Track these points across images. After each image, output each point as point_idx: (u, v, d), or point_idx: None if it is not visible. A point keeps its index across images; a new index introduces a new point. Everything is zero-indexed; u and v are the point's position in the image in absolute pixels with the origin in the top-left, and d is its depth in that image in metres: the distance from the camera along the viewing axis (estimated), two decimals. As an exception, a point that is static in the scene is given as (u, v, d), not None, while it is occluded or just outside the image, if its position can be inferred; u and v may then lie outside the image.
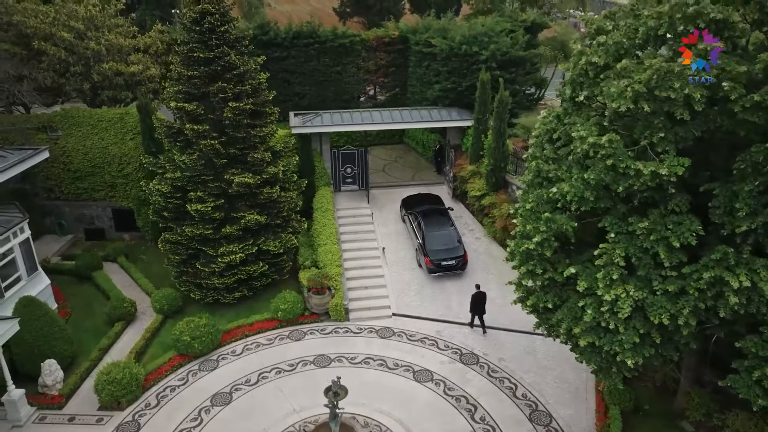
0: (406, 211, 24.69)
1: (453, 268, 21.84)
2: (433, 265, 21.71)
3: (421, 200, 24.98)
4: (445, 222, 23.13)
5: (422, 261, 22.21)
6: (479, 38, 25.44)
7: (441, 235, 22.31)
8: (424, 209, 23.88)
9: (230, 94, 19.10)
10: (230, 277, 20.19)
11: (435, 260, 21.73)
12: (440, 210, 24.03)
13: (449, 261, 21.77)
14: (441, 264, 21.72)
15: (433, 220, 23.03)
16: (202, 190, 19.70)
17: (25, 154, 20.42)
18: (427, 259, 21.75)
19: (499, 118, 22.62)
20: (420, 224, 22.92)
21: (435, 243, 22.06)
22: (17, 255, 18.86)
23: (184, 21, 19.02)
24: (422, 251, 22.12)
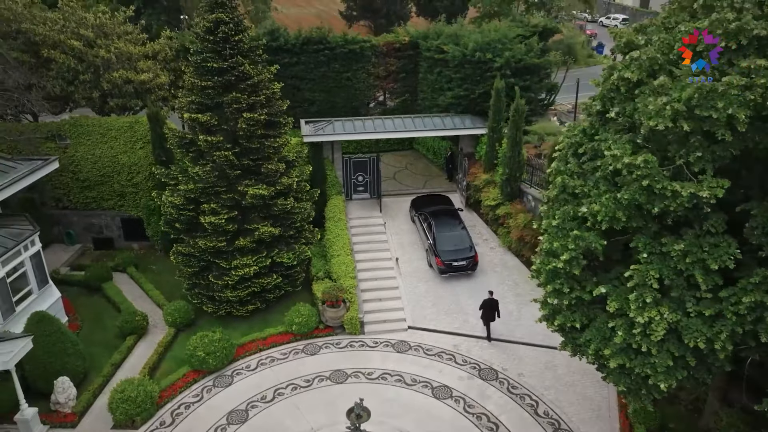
0: (416, 211, 24.74)
1: (464, 268, 21.99)
2: (444, 266, 21.84)
3: (431, 201, 25.15)
4: (456, 223, 23.22)
5: (433, 261, 22.28)
6: (493, 45, 25.11)
7: (452, 236, 22.43)
8: (434, 210, 23.98)
9: (244, 105, 18.78)
10: (243, 289, 19.87)
11: (446, 261, 21.84)
12: (450, 210, 24.18)
13: (460, 261, 21.91)
14: (452, 264, 21.85)
15: (443, 220, 23.15)
16: (215, 202, 19.38)
17: (34, 165, 20.09)
18: (438, 259, 21.87)
19: (515, 127, 22.30)
20: (431, 225, 22.99)
21: (446, 244, 22.16)
22: (28, 268, 18.56)
23: (197, 30, 18.68)
24: (433, 252, 22.19)
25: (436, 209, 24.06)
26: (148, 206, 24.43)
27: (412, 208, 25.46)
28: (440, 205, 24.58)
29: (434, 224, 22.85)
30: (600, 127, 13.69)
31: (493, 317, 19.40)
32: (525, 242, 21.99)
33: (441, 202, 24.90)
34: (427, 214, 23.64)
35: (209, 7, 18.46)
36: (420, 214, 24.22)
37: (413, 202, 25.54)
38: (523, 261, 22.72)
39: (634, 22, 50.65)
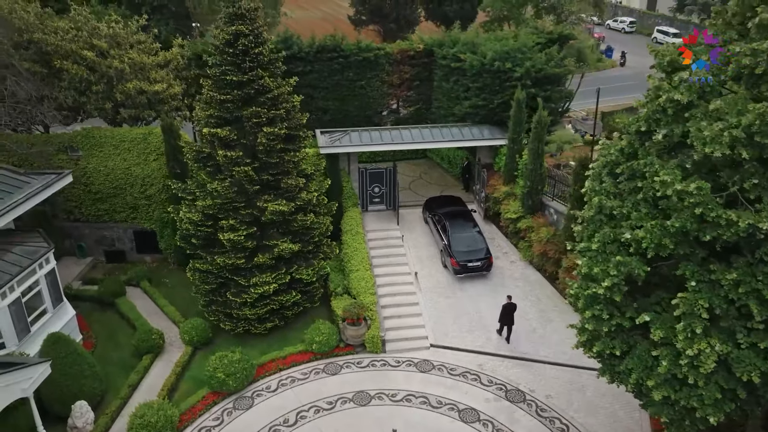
0: (429, 212, 24.89)
1: (479, 269, 22.19)
2: (459, 266, 22.02)
3: (444, 202, 25.32)
4: (470, 224, 23.40)
5: (448, 262, 22.44)
6: (512, 54, 24.64)
7: (466, 237, 22.61)
8: (447, 211, 24.10)
9: (264, 119, 18.32)
10: (262, 307, 19.42)
11: (461, 261, 21.99)
12: (464, 212, 24.37)
13: (475, 262, 22.08)
14: (467, 265, 22.03)
15: (457, 221, 23.31)
16: (233, 218, 18.91)
17: (48, 179, 19.61)
18: (453, 260, 22.02)
19: (537, 139, 21.86)
20: (445, 226, 23.13)
21: (461, 244, 22.33)
22: (43, 287, 18.10)
23: (216, 43, 18.21)
24: (448, 252, 22.32)
25: (450, 210, 24.21)
26: (162, 219, 24.01)
27: (425, 209, 25.71)
28: (454, 206, 24.73)
29: (449, 225, 23.01)
30: (639, 147, 13.25)
31: (512, 321, 19.54)
32: (548, 257, 21.52)
33: (454, 203, 25.08)
34: (441, 215, 23.80)
35: (228, 18, 17.99)
36: (434, 215, 24.37)
37: (426, 203, 25.91)
38: (546, 276, 22.28)
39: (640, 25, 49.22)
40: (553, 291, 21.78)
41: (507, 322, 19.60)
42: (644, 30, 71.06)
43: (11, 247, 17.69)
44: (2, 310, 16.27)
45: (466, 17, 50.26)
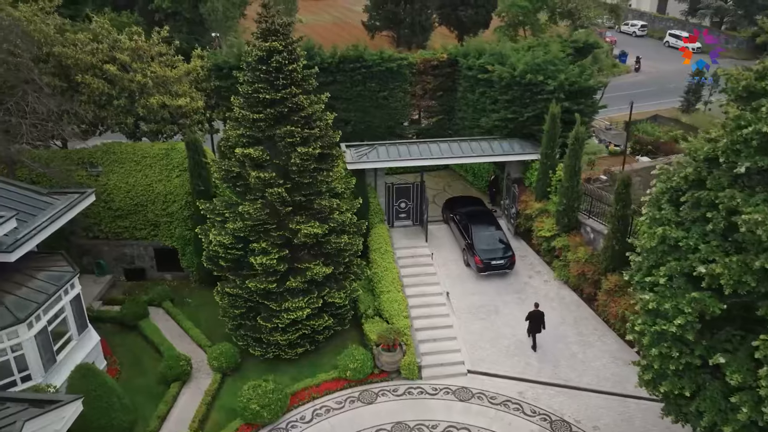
0: (450, 212, 25.21)
1: (502, 267, 22.53)
2: (482, 264, 22.31)
3: (465, 202, 25.73)
4: (492, 223, 23.75)
5: (471, 261, 22.75)
6: (544, 66, 23.93)
7: (489, 235, 23.02)
8: (469, 210, 24.57)
9: (298, 139, 17.60)
10: (293, 332, 18.72)
11: (485, 259, 22.30)
12: (485, 211, 24.90)
13: (498, 260, 22.42)
14: (491, 263, 22.35)
15: (479, 220, 23.68)
16: (264, 240, 18.20)
17: (71, 199, 18.90)
18: (477, 258, 22.34)
19: (575, 155, 21.16)
20: (467, 225, 23.48)
21: (484, 243, 22.72)
22: (68, 313, 17.40)
23: (249, 59, 17.50)
24: (471, 251, 22.66)
25: (472, 210, 24.66)
26: (184, 236, 23.33)
27: (445, 209, 26.07)
28: (475, 206, 25.17)
29: (471, 224, 23.32)
30: (708, 176, 12.56)
31: (539, 329, 19.54)
32: (586, 278, 20.82)
33: (475, 204, 25.55)
34: (462, 215, 24.20)
35: (262, 34, 17.27)
36: (455, 214, 24.69)
37: (447, 203, 26.30)
38: (583, 297, 21.56)
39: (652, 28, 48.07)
40: (591, 313, 21.08)
41: (534, 330, 19.59)
42: (655, 33, 70.43)
43: (35, 272, 16.98)
44: (29, 340, 15.57)
45: (480, 22, 49.73)
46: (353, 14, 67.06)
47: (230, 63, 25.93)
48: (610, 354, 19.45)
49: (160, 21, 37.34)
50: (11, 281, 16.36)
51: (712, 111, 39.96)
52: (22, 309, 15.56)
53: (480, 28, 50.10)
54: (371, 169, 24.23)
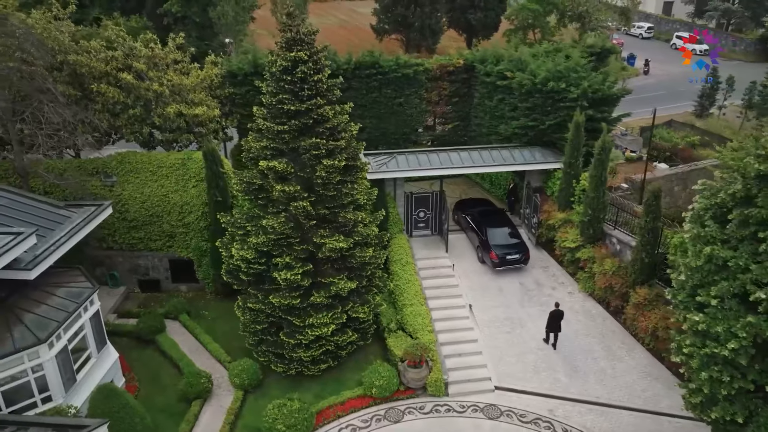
0: (462, 212, 25.64)
1: (517, 261, 23.08)
2: (498, 259, 22.84)
3: (475, 203, 26.42)
4: (504, 220, 24.51)
5: (486, 257, 23.26)
6: (566, 74, 23.50)
7: (503, 232, 23.66)
8: (481, 210, 25.24)
9: (323, 151, 17.14)
10: (317, 348, 18.27)
11: (500, 254, 22.81)
12: (497, 210, 25.74)
13: (514, 255, 22.95)
14: (506, 258, 22.89)
15: (492, 218, 24.41)
16: (288, 254, 17.73)
17: (88, 212, 18.43)
18: (492, 254, 22.83)
19: (601, 165, 20.75)
20: (480, 223, 24.08)
21: (498, 239, 23.36)
22: (87, 331, 16.93)
23: (273, 69, 17.04)
24: (485, 248, 23.25)
25: (484, 209, 25.39)
26: (200, 248, 22.88)
27: (456, 209, 26.49)
28: (485, 206, 25.91)
29: (484, 222, 23.96)
30: (759, 193, 12.16)
31: (559, 328, 19.68)
32: (613, 290, 20.39)
33: (485, 204, 26.27)
34: (474, 214, 24.75)
35: (286, 44, 16.80)
36: (467, 214, 25.21)
37: (458, 204, 26.75)
38: (609, 309, 21.13)
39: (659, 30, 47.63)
40: (618, 326, 20.65)
41: (554, 330, 19.71)
42: (662, 35, 70.05)
43: (54, 289, 16.52)
44: (50, 361, 15.10)
45: (490, 25, 49.25)
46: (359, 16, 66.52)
47: (245, 70, 25.53)
48: (640, 369, 19.03)
49: (168, 25, 36.90)
50: (30, 299, 15.90)
51: (726, 116, 39.66)
52: (43, 328, 15.09)
53: (489, 31, 49.65)
54: (391, 178, 23.76)
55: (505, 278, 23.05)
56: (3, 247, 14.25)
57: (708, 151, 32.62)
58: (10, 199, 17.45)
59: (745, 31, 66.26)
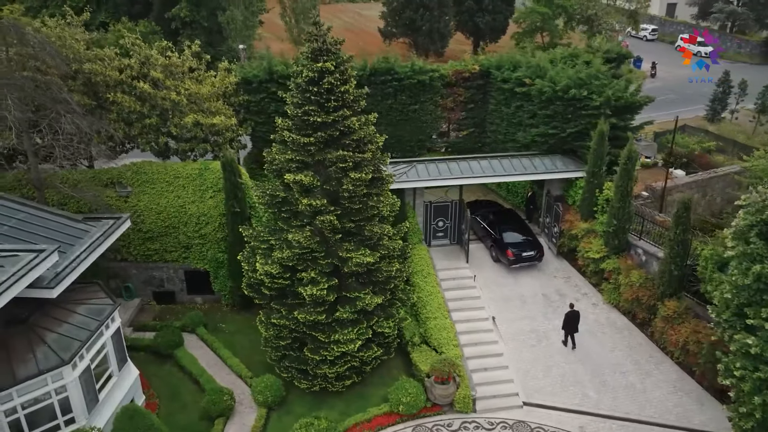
0: (473, 214, 24.95)
1: (532, 258, 23.37)
2: (514, 257, 23.07)
3: (486, 204, 26.55)
4: (515, 218, 25.18)
5: (501, 256, 23.54)
6: (588, 81, 23.15)
7: (515, 230, 24.10)
8: (494, 210, 25.72)
9: (350, 164, 16.75)
10: (342, 365, 17.87)
11: (516, 252, 23.07)
12: (508, 210, 26.28)
13: (528, 252, 23.28)
14: (521, 255, 23.16)
15: (503, 218, 24.95)
16: (312, 269, 17.34)
17: (107, 226, 17.98)
18: (509, 251, 23.10)
19: (627, 175, 20.42)
20: (493, 223, 24.41)
21: (512, 237, 23.66)
22: (109, 349, 16.50)
23: (298, 81, 16.62)
24: (500, 247, 23.53)
25: (496, 209, 25.89)
26: (216, 259, 22.46)
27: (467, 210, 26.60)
28: (497, 207, 26.34)
29: (496, 221, 24.37)
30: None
31: (576, 329, 19.90)
32: (641, 303, 20.04)
33: (496, 205, 26.66)
34: (485, 215, 25.02)
35: (312, 54, 16.39)
36: (479, 215, 25.23)
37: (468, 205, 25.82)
38: (635, 322, 20.79)
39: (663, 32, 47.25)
40: (645, 339, 20.32)
41: (571, 330, 19.96)
42: (666, 37, 69.89)
43: (75, 306, 16.09)
44: (73, 382, 14.66)
45: (498, 29, 48.98)
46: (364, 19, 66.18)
47: (260, 77, 25.12)
48: (671, 384, 18.70)
49: (176, 29, 36.46)
50: (51, 317, 15.47)
51: (738, 120, 39.43)
52: (66, 348, 14.67)
53: (497, 35, 49.37)
54: (410, 188, 23.38)
55: (528, 289, 22.69)
56: (26, 266, 13.84)
57: (724, 157, 32.41)
58: (27, 213, 17.02)
59: (749, 33, 66.11)
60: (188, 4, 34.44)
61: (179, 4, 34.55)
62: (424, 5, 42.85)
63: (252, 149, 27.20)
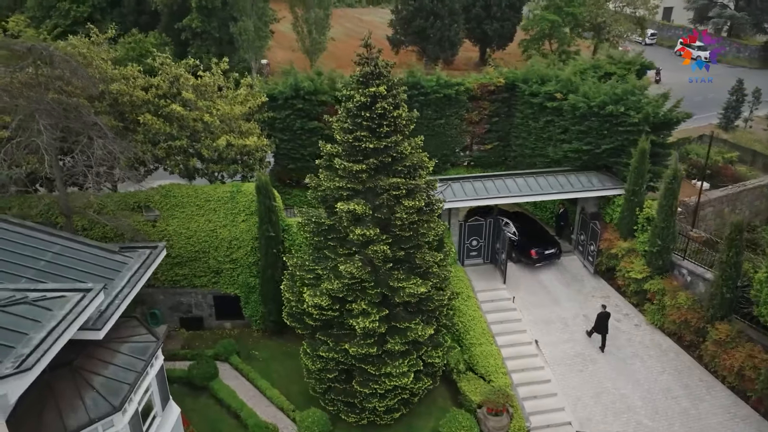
0: None
1: (554, 255, 24.39)
2: (537, 255, 23.97)
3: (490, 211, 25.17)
4: (530, 220, 26.33)
5: (524, 256, 24.19)
6: (624, 97, 22.74)
7: (534, 231, 25.32)
8: (509, 213, 25.93)
9: (404, 191, 16.13)
10: (393, 398, 17.25)
11: (539, 251, 24.02)
12: (521, 213, 27.07)
13: (550, 250, 24.35)
14: (544, 254, 24.15)
15: (518, 221, 25.51)
16: (362, 299, 16.69)
17: (143, 255, 17.14)
18: (532, 251, 23.95)
19: (672, 194, 20.04)
20: (509, 225, 24.88)
21: (534, 237, 24.57)
22: (154, 388, 15.68)
23: (349, 106, 15.97)
24: (522, 248, 24.20)
25: (511, 213, 26.07)
26: (248, 283, 21.72)
27: None
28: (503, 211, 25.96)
29: (516, 224, 25.05)
30: None
31: (606, 329, 20.34)
32: (689, 325, 19.66)
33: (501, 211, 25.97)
34: (504, 218, 25.04)
35: (363, 78, 15.76)
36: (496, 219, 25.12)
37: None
38: (682, 344, 20.39)
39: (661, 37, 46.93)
40: (693, 361, 19.93)
41: (602, 331, 20.33)
42: (664, 42, 70.07)
43: (118, 345, 15.22)
44: (123, 428, 13.85)
45: (505, 36, 48.64)
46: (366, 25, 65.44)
47: (286, 93, 24.44)
48: (725, 409, 18.33)
49: (186, 40, 35.56)
50: (94, 358, 14.60)
51: (753, 128, 39.39)
52: (116, 393, 13.82)
53: (504, 42, 49.04)
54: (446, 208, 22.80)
55: (568, 309, 22.23)
56: (75, 308, 13.03)
57: (747, 168, 32.28)
58: (62, 245, 16.15)
59: (744, 37, 66.55)
60: (200, 15, 33.54)
61: (190, 15, 33.66)
62: (435, 13, 42.31)
63: (274, 167, 26.47)
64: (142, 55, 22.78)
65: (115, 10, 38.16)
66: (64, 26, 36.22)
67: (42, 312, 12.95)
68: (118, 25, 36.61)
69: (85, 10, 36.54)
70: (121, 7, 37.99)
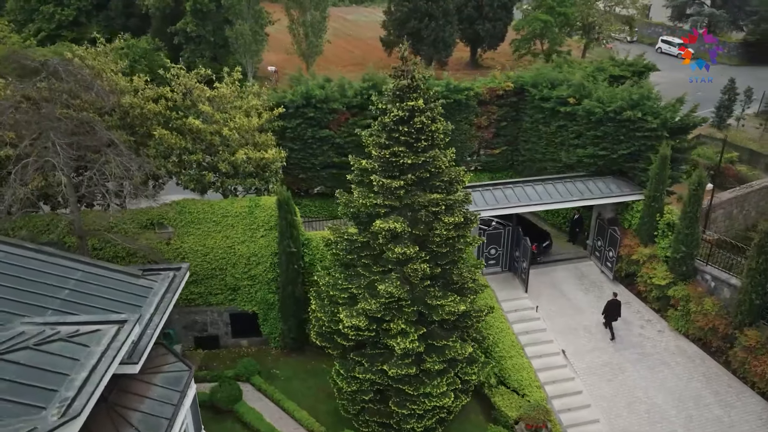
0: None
1: (549, 247, 25.26)
2: (536, 249, 24.09)
3: None
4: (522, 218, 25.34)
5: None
6: (641, 102, 22.67)
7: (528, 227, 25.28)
8: None
9: (443, 207, 15.69)
10: (431, 417, 16.84)
11: (538, 246, 24.41)
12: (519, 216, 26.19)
13: (546, 242, 25.24)
14: (541, 246, 24.78)
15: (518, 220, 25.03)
16: (399, 318, 16.23)
17: (167, 279, 16.38)
18: (533, 246, 23.37)
19: (696, 201, 20.02)
20: None
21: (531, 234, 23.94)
22: (188, 420, 14.98)
23: (385, 120, 15.44)
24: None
25: None
26: (266, 300, 21.07)
27: None
28: None
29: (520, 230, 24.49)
30: None
31: (616, 317, 20.92)
32: (716, 331, 19.69)
33: None
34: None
35: (399, 92, 15.25)
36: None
37: None
38: (708, 350, 20.42)
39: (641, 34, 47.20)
40: (720, 367, 19.97)
41: (612, 318, 20.89)
42: (645, 39, 70.87)
43: (150, 377, 14.47)
44: (164, 467, 13.15)
45: (497, 36, 48.49)
46: (351, 24, 64.78)
47: (296, 102, 23.73)
48: (757, 415, 18.41)
49: (179, 44, 34.46)
50: (129, 392, 13.85)
51: (745, 127, 39.99)
52: (155, 429, 13.13)
53: (495, 42, 48.92)
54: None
55: (589, 317, 22.09)
56: (114, 343, 12.27)
57: (747, 167, 32.71)
58: (83, 271, 15.28)
59: (720, 34, 67.75)
60: (194, 18, 32.48)
61: (184, 18, 32.59)
62: (429, 14, 41.89)
63: (284, 177, 25.72)
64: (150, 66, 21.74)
65: (102, 13, 36.75)
66: (48, 30, 34.72)
67: (79, 349, 12.17)
68: (105, 29, 35.50)
69: (70, 14, 35.05)
70: (107, 10, 36.60)
